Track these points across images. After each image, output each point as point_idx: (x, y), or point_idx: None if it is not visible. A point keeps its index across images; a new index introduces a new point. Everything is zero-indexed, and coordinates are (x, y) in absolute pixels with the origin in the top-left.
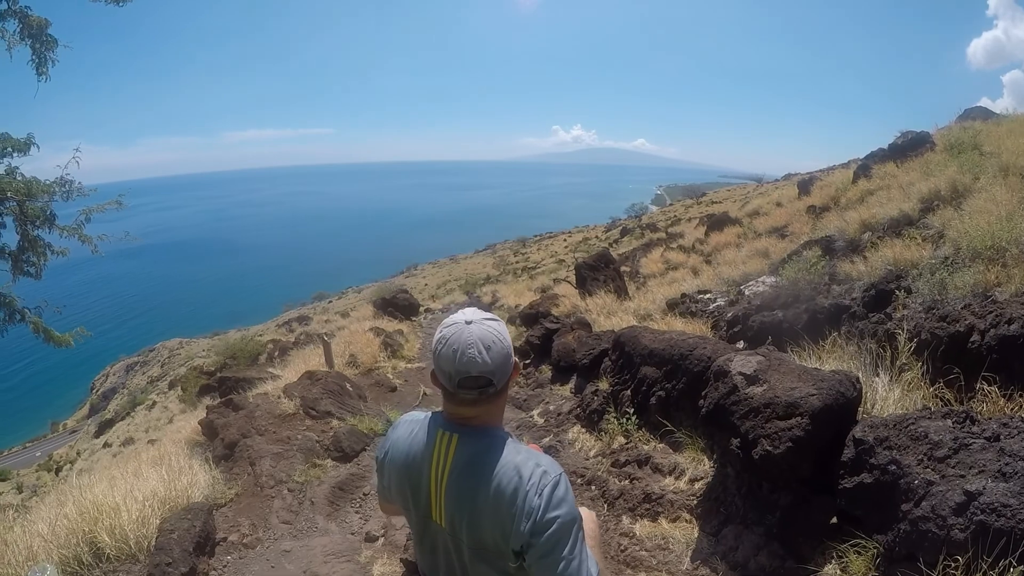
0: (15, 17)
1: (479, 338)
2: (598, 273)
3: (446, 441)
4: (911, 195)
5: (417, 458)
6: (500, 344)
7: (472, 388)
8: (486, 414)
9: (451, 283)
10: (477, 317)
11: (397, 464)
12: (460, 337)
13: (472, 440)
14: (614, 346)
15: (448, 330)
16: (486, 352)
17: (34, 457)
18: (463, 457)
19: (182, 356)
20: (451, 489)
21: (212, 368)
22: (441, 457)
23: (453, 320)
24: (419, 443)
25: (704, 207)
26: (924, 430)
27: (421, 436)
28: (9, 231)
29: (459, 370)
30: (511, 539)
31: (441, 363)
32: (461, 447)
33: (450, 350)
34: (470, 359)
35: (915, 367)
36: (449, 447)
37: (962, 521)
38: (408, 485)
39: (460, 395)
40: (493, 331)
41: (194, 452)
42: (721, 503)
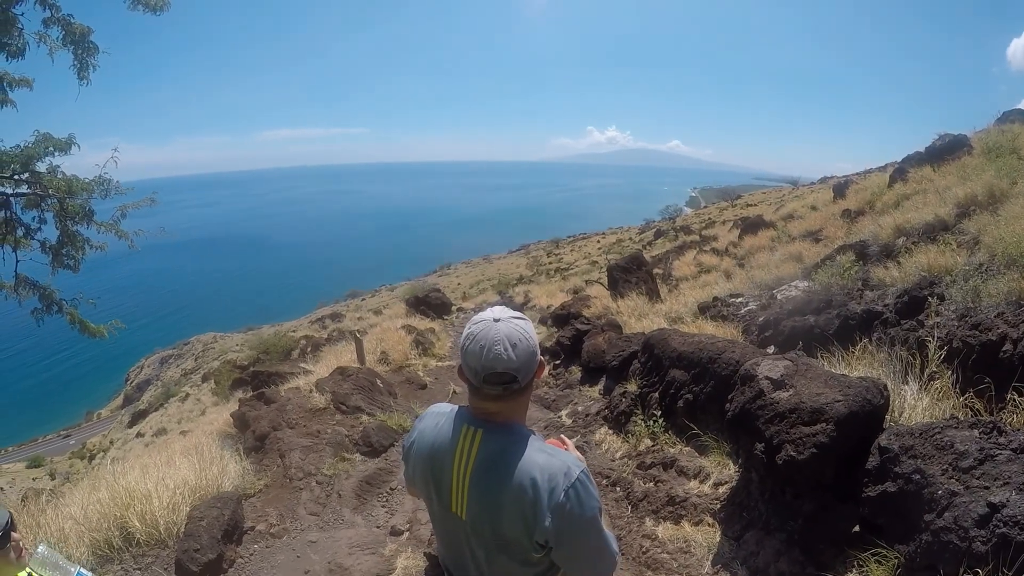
0: (58, 25)
1: (506, 335)
2: (630, 275)
3: (471, 436)
4: (947, 200)
5: (441, 450)
6: (526, 342)
7: (496, 384)
8: (509, 410)
9: (484, 283)
10: (505, 315)
11: (422, 454)
12: (487, 334)
13: (496, 436)
14: (643, 348)
15: (476, 327)
16: (512, 349)
17: (68, 445)
18: (487, 452)
19: (216, 350)
20: (474, 483)
21: (245, 362)
22: (465, 451)
23: (481, 317)
24: (444, 435)
25: (738, 210)
26: (950, 440)
27: (446, 429)
28: (49, 226)
29: (485, 366)
30: (535, 533)
31: (468, 358)
32: (485, 442)
33: (477, 346)
34: (496, 355)
35: (945, 376)
36: (473, 442)
37: (984, 533)
38: (431, 476)
39: (485, 390)
40: (520, 329)
41: (225, 443)
42: (744, 508)
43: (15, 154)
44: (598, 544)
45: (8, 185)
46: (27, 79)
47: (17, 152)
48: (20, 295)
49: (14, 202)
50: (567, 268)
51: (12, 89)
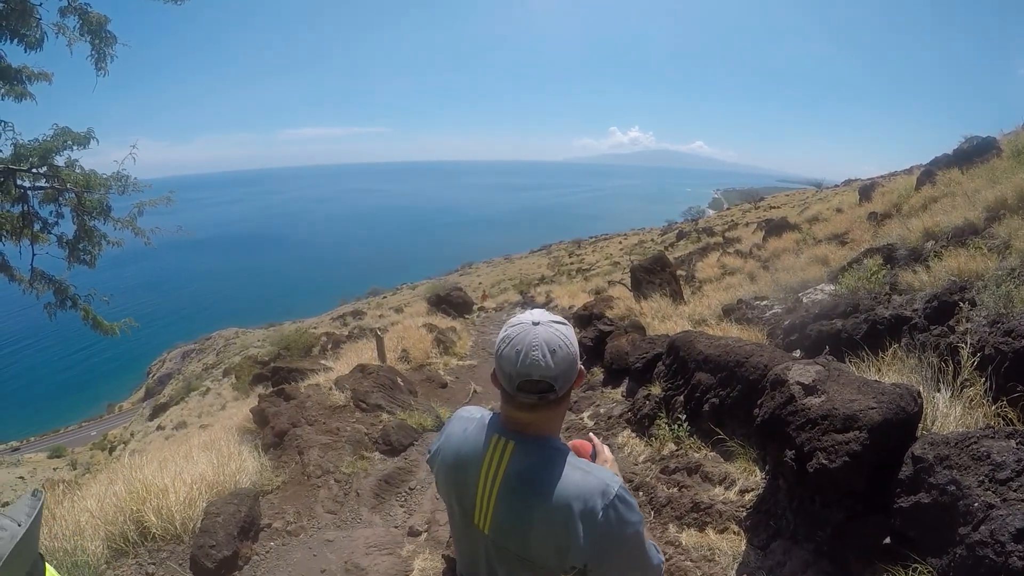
0: (75, 14)
1: (545, 340)
2: (653, 276)
3: (500, 447)
4: (976, 203)
5: (467, 459)
6: (566, 349)
7: (532, 392)
8: (544, 421)
9: (505, 282)
10: (545, 319)
11: (447, 461)
12: (525, 338)
13: (528, 450)
14: (668, 351)
15: (513, 329)
16: (550, 356)
17: (89, 436)
18: (517, 468)
19: (237, 345)
20: (501, 499)
21: (266, 358)
22: (493, 464)
23: (519, 320)
24: (471, 444)
25: (762, 212)
26: (986, 450)
27: (474, 437)
28: (66, 221)
29: (520, 372)
30: (569, 556)
31: (503, 363)
32: (516, 457)
33: (513, 350)
34: (533, 361)
35: (978, 383)
36: (503, 455)
37: (1021, 548)
38: (454, 484)
39: (519, 398)
40: (560, 335)
41: (244, 439)
42: (771, 516)
43: (33, 148)
44: (641, 561)
45: (26, 179)
46: (46, 73)
47: (35, 146)
48: (36, 289)
49: (32, 196)
50: (589, 269)
51: (31, 83)
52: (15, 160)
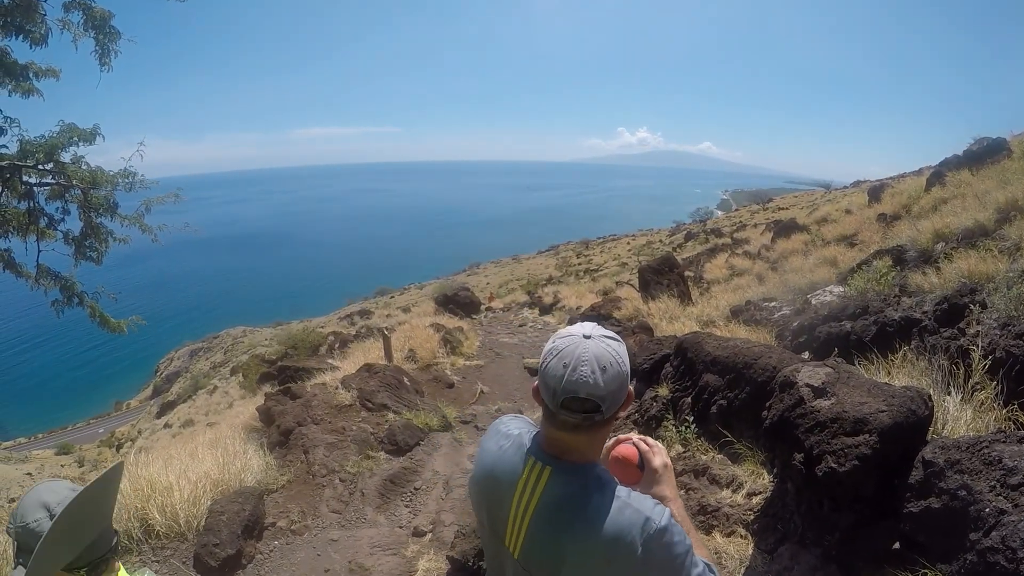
0: (79, 9)
1: (595, 356)
2: (661, 277)
3: (536, 472)
4: (987, 204)
5: (500, 480)
6: (618, 367)
7: (577, 411)
8: (586, 445)
9: (513, 282)
10: (597, 333)
11: (480, 478)
12: (574, 352)
13: (566, 478)
14: (676, 352)
15: (562, 341)
16: (600, 373)
17: (97, 433)
18: (553, 497)
19: (245, 344)
20: (534, 528)
21: (273, 357)
22: (528, 489)
23: (569, 332)
24: (506, 464)
25: (771, 213)
26: (998, 455)
27: (510, 457)
28: (72, 218)
29: (567, 388)
30: None
31: (547, 377)
32: (552, 484)
33: (560, 364)
34: (581, 378)
35: (989, 387)
36: (539, 481)
37: None
38: (486, 503)
39: (561, 416)
40: (612, 351)
41: (250, 437)
42: (778, 520)
43: (40, 144)
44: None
45: (32, 175)
46: (54, 69)
47: (42, 142)
48: (42, 285)
49: (38, 192)
50: (597, 269)
51: (39, 79)
52: (21, 156)
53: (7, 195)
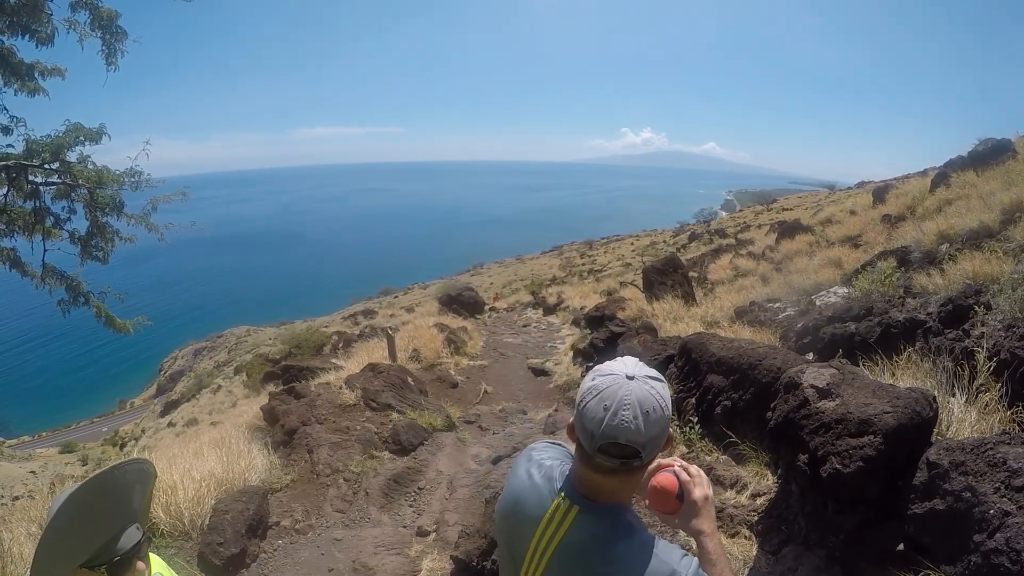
0: (86, 8)
1: (638, 400)
2: (666, 278)
3: (563, 511)
4: (992, 206)
5: (525, 512)
6: (661, 412)
7: (615, 456)
8: (619, 488)
9: (516, 283)
10: (640, 372)
11: (505, 504)
12: (616, 394)
13: (592, 520)
14: (680, 352)
15: (603, 380)
16: (642, 418)
17: (101, 432)
18: (575, 538)
19: (249, 343)
20: (553, 567)
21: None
22: (552, 527)
23: (611, 370)
24: (533, 495)
25: (775, 214)
26: (1003, 456)
27: (538, 489)
28: (79, 217)
29: (606, 433)
30: None
31: (585, 418)
32: (578, 525)
33: (600, 406)
34: (622, 423)
35: (993, 388)
36: (564, 519)
37: None
38: (508, 531)
39: (597, 459)
40: (656, 394)
41: (254, 437)
42: (783, 521)
43: (45, 143)
44: None
45: (38, 175)
46: (59, 68)
47: (47, 142)
48: (48, 285)
49: (44, 192)
50: (600, 269)
51: (45, 78)
52: (27, 156)
53: (13, 194)
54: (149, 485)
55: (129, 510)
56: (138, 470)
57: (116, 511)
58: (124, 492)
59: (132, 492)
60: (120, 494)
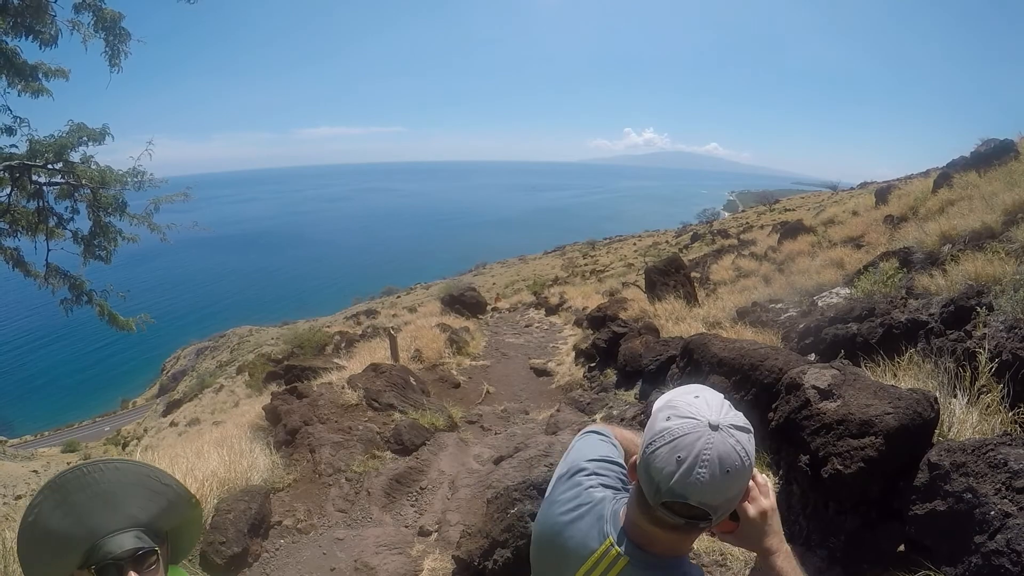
0: (89, 10)
1: (719, 456)
2: (668, 278)
3: (611, 558)
4: (994, 206)
5: (566, 549)
6: (742, 471)
7: (680, 515)
8: (678, 542)
9: (519, 283)
10: (725, 421)
11: (543, 536)
12: (694, 445)
13: (645, 574)
14: (682, 353)
15: (679, 425)
16: (721, 478)
17: (103, 431)
18: None
19: (251, 343)
20: None
21: (279, 356)
22: (596, 574)
23: (692, 412)
24: (577, 532)
25: (777, 214)
26: (1004, 457)
27: (585, 527)
28: (81, 217)
29: (675, 491)
30: None
31: (652, 468)
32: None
33: (672, 456)
34: (698, 481)
35: (995, 389)
36: (611, 568)
37: None
38: (542, 564)
39: (659, 514)
40: (741, 450)
41: (256, 436)
42: (784, 522)
43: (49, 144)
44: None
45: (42, 174)
46: (63, 69)
47: (51, 142)
48: (51, 284)
49: (47, 191)
50: (603, 270)
51: (49, 79)
52: (31, 156)
53: (17, 194)
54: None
55: (123, 514)
56: (138, 474)
57: (102, 509)
58: (115, 491)
59: (129, 495)
60: (108, 491)
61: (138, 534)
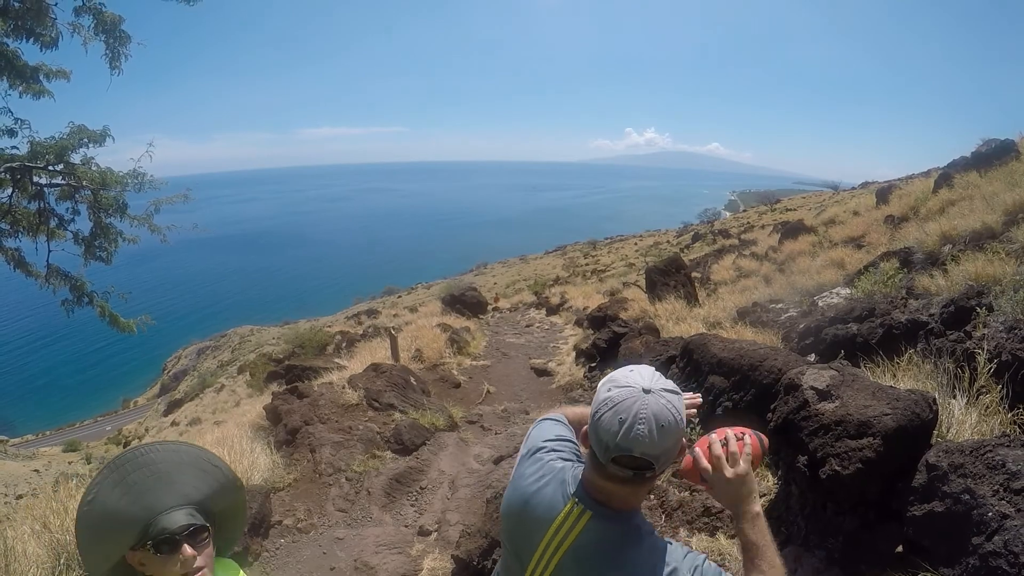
0: (90, 13)
1: (654, 413)
2: (668, 278)
3: (575, 515)
4: (994, 207)
5: (535, 514)
6: (675, 425)
7: (628, 467)
8: (630, 495)
9: (520, 283)
10: (656, 386)
11: (513, 505)
12: (631, 407)
13: (606, 525)
14: (682, 353)
15: (619, 393)
16: (657, 432)
17: (104, 431)
18: (588, 541)
19: (252, 343)
20: (563, 568)
21: (280, 356)
22: (564, 530)
23: (627, 381)
24: (544, 499)
25: (778, 214)
26: (1002, 459)
27: (550, 492)
28: (82, 218)
29: (621, 446)
30: None
31: (600, 430)
32: (589, 530)
33: (615, 419)
34: (637, 437)
35: (994, 390)
36: (576, 523)
37: None
38: (515, 532)
39: (610, 469)
40: (671, 407)
41: (257, 436)
42: (782, 522)
43: (50, 145)
44: None
45: (43, 176)
46: (64, 70)
47: (52, 143)
48: (52, 285)
49: (48, 193)
50: (604, 270)
51: (50, 80)
52: (32, 157)
53: (18, 195)
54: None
55: (177, 493)
56: (192, 454)
57: (158, 488)
58: (170, 471)
59: (182, 474)
60: (164, 470)
61: (191, 511)
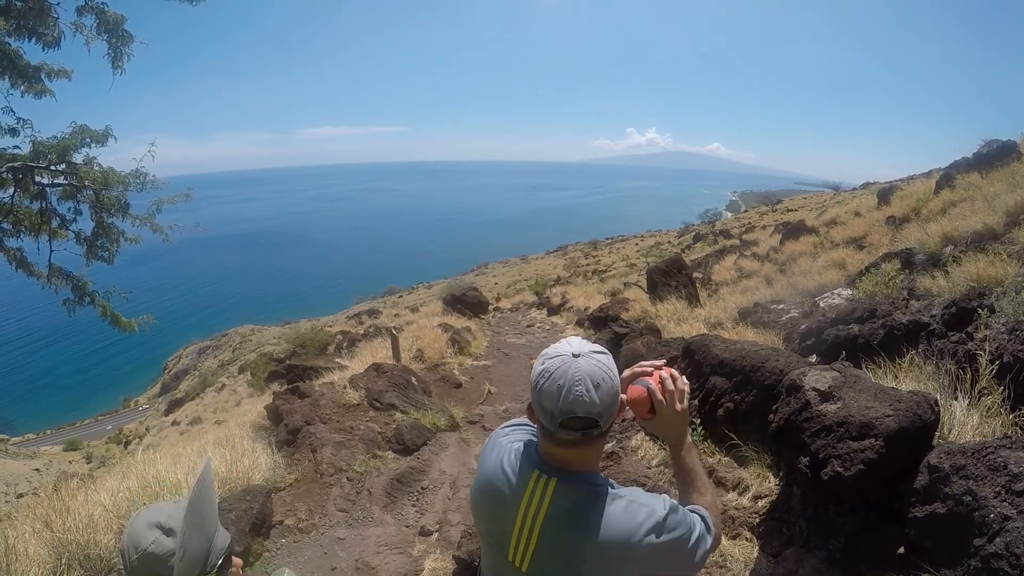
0: (92, 13)
1: (587, 374)
2: (670, 279)
3: (542, 485)
4: (996, 207)
5: (503, 495)
6: (610, 382)
7: (575, 429)
8: (585, 457)
9: (521, 283)
10: (585, 349)
11: (481, 492)
12: (566, 372)
13: (572, 487)
14: (683, 354)
15: (552, 362)
16: (594, 390)
17: (105, 430)
18: (562, 506)
19: (253, 342)
20: (545, 538)
21: (281, 355)
22: (535, 500)
23: (557, 352)
24: (508, 478)
25: (779, 215)
26: (1004, 460)
27: (511, 471)
28: (84, 218)
29: (563, 409)
30: None
31: (542, 399)
32: (559, 495)
33: (554, 386)
34: (577, 398)
35: (996, 392)
36: (545, 492)
37: None
38: (487, 516)
39: (560, 435)
40: (603, 366)
41: (258, 436)
42: (784, 523)
43: (52, 145)
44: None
45: (44, 176)
46: (66, 70)
47: (54, 143)
48: (54, 285)
49: (50, 192)
50: (605, 270)
51: (51, 79)
52: (33, 157)
53: (20, 195)
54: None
55: (213, 512)
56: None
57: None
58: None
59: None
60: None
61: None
